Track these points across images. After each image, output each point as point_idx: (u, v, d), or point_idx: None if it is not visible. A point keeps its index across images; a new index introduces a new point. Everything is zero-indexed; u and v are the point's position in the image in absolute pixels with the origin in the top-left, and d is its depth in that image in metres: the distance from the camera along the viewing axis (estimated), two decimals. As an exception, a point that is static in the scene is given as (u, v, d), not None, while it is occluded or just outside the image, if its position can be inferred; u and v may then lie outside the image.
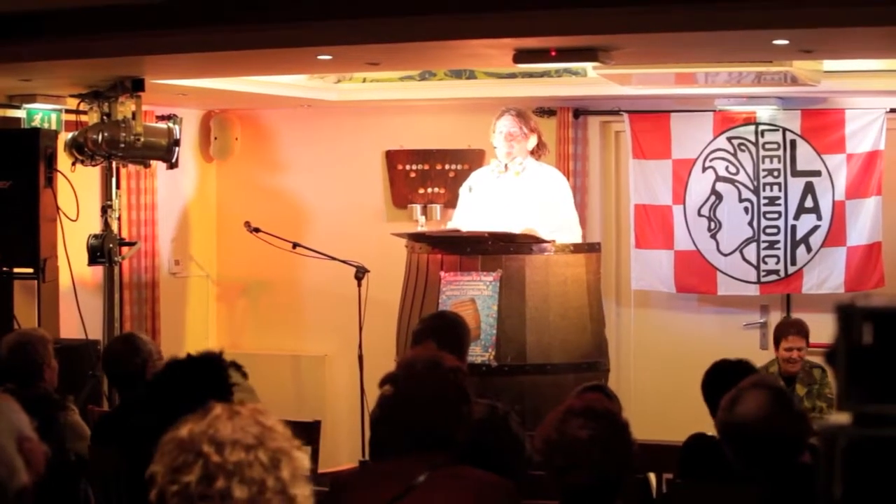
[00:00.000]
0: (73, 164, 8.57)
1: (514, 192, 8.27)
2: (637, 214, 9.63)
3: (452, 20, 6.21)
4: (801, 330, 8.46)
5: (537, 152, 8.41)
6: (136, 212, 9.91)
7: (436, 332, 6.11)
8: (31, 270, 8.35)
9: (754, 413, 4.22)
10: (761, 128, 9.38)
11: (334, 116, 10.52)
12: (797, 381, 8.29)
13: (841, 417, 2.03)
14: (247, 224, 9.85)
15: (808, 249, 9.26)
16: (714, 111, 9.46)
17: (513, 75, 9.29)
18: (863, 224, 9.11)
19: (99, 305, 9.19)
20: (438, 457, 4.01)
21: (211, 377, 4.09)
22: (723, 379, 5.28)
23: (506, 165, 8.35)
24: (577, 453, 3.88)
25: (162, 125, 9.09)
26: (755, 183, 9.37)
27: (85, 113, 8.60)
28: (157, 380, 4.25)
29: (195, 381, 4.02)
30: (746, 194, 9.39)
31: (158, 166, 9.54)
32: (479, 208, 8.37)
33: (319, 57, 7.56)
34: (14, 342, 6.49)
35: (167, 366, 4.25)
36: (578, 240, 8.35)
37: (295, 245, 9.77)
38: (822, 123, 9.24)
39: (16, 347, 6.44)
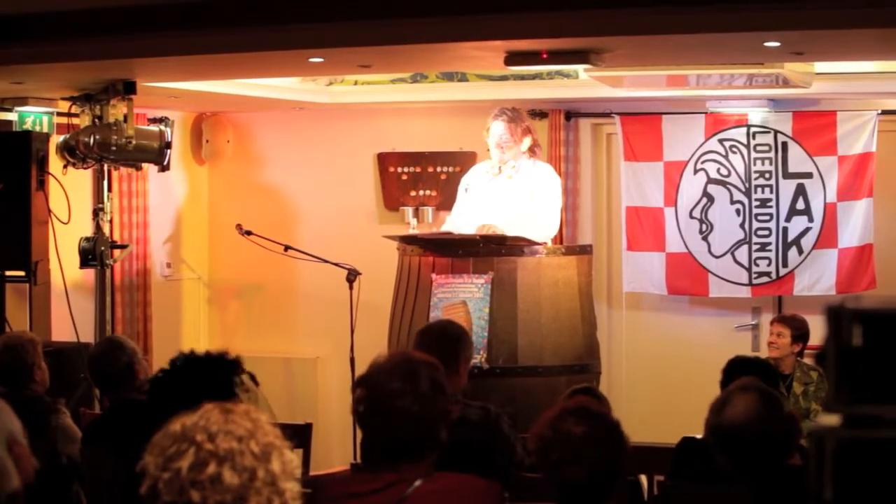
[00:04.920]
0: (65, 166, 8.56)
1: (505, 195, 8.28)
2: (628, 216, 9.64)
3: (444, 22, 6.21)
4: (784, 319, 8.49)
5: (531, 151, 8.41)
6: (128, 214, 9.91)
7: (433, 344, 6.04)
8: (22, 273, 8.35)
9: (743, 416, 4.23)
10: (753, 130, 9.38)
11: (326, 119, 10.52)
12: (794, 378, 8.30)
13: (831, 419, 2.03)
14: (238, 227, 9.84)
15: (800, 251, 9.27)
16: (706, 113, 9.47)
17: (504, 77, 9.29)
18: (854, 226, 9.12)
19: (91, 308, 9.18)
20: (422, 465, 3.97)
21: (213, 379, 4.07)
22: (741, 374, 5.29)
23: (500, 167, 8.36)
24: (572, 449, 3.91)
25: (153, 128, 9.09)
26: (747, 185, 9.38)
27: (76, 116, 8.59)
28: (159, 378, 4.23)
29: (195, 383, 4.01)
30: (738, 196, 9.40)
31: (150, 169, 9.53)
32: (473, 210, 8.38)
33: (311, 59, 7.56)
34: (3, 345, 6.49)
35: (181, 358, 4.22)
36: (547, 234, 8.28)
37: (286, 248, 9.76)
38: (814, 125, 9.25)
39: (5, 350, 6.43)
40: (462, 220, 8.40)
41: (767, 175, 9.33)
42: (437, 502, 3.91)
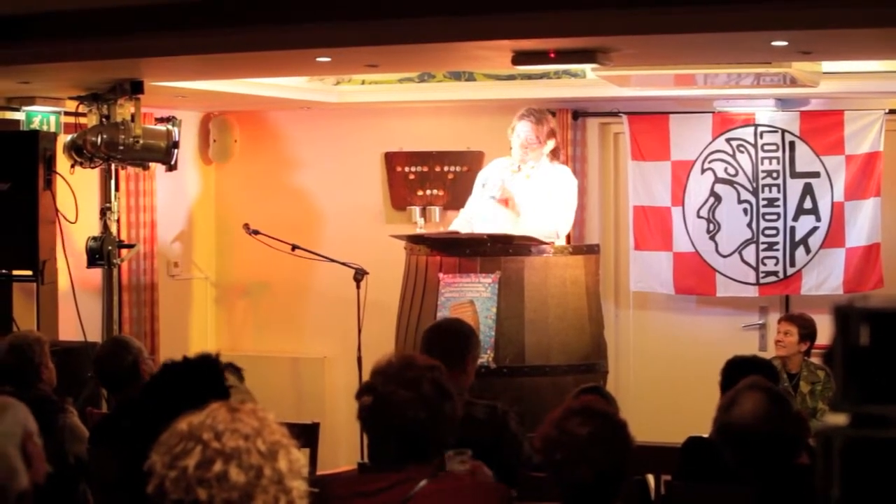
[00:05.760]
0: (72, 166, 8.57)
1: (522, 193, 8.28)
2: (636, 216, 9.63)
3: (451, 22, 6.21)
4: (791, 318, 8.51)
5: (553, 154, 8.43)
6: (135, 214, 9.91)
7: (440, 341, 6.02)
8: (30, 273, 8.36)
9: (751, 414, 4.23)
10: (760, 129, 9.38)
11: (333, 118, 10.52)
12: (801, 378, 8.29)
13: (838, 418, 2.03)
14: (246, 226, 9.85)
15: (807, 251, 9.26)
16: (713, 112, 9.46)
17: (512, 77, 9.29)
18: (861, 225, 9.11)
19: (98, 308, 9.19)
20: (429, 466, 3.97)
21: (207, 379, 4.08)
22: (739, 374, 5.30)
23: (519, 166, 8.37)
24: (577, 450, 3.90)
25: (161, 127, 9.09)
26: (754, 184, 9.37)
27: (84, 115, 8.60)
28: (154, 382, 4.24)
29: (192, 383, 4.02)
30: (745, 195, 9.39)
31: (157, 168, 9.54)
32: (487, 206, 8.36)
33: (318, 59, 7.56)
34: (10, 344, 6.50)
35: (163, 368, 4.24)
36: (561, 229, 8.29)
37: (294, 247, 9.77)
38: (821, 125, 9.24)
39: (11, 349, 6.44)
40: (476, 216, 8.39)
41: (775, 174, 9.33)
42: (442, 502, 3.91)
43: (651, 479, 5.93)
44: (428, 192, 10.33)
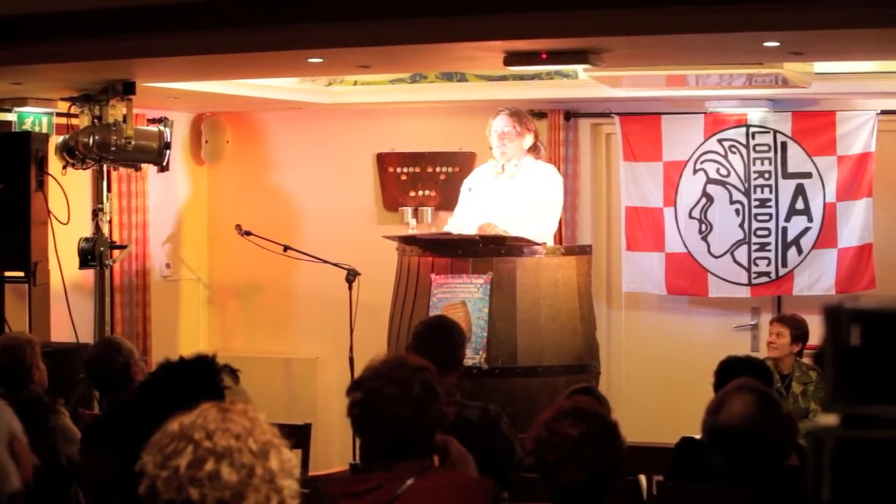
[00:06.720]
0: (64, 167, 8.56)
1: (507, 196, 8.27)
2: (628, 217, 9.63)
3: (443, 23, 6.21)
4: (783, 319, 8.52)
5: (534, 151, 8.40)
6: (127, 215, 9.91)
7: (430, 336, 6.04)
8: (21, 274, 8.35)
9: (739, 416, 4.23)
10: (752, 130, 9.38)
11: (325, 119, 10.52)
12: (793, 378, 8.30)
13: (829, 419, 2.03)
14: (238, 227, 9.84)
15: (799, 251, 9.27)
16: (705, 113, 9.46)
17: (504, 77, 9.28)
18: (854, 226, 9.12)
19: (90, 309, 9.17)
20: (416, 465, 3.97)
21: (203, 380, 4.09)
22: (733, 375, 5.29)
23: (503, 166, 8.36)
24: (567, 451, 3.89)
25: (153, 128, 9.09)
26: (746, 185, 9.37)
27: (76, 116, 8.60)
28: (149, 382, 4.24)
29: (187, 384, 4.02)
30: (737, 196, 9.40)
31: (149, 169, 9.53)
32: (475, 209, 8.37)
33: (310, 60, 7.56)
34: (1, 345, 6.49)
35: (159, 368, 4.24)
36: (546, 229, 8.28)
37: (286, 248, 9.75)
38: (813, 125, 9.25)
39: (3, 351, 6.43)
40: (464, 219, 8.39)
41: (767, 175, 9.33)
42: (428, 499, 3.91)
43: (643, 479, 5.93)
44: (420, 192, 10.33)
